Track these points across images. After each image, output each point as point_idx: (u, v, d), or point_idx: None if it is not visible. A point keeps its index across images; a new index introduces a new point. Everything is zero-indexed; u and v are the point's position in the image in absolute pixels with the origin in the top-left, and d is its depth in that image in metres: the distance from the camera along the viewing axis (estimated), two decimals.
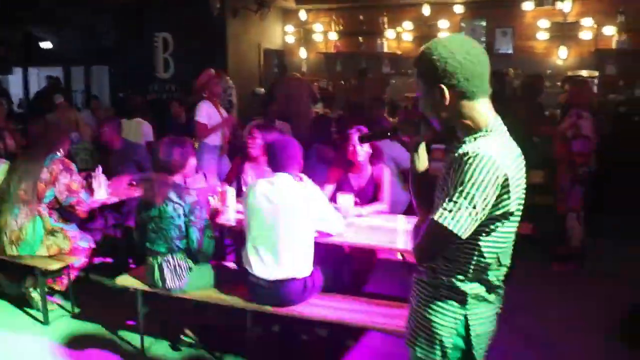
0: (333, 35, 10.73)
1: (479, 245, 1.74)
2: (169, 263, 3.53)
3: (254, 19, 10.04)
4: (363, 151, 4.17)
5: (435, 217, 1.66)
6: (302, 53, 10.98)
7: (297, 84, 8.34)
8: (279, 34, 11.12)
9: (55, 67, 11.85)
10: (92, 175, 4.67)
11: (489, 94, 1.76)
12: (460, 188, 1.62)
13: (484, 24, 9.88)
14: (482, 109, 1.74)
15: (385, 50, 10.28)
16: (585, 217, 5.44)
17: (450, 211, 1.63)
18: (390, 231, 3.76)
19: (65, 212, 4.32)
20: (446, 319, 1.80)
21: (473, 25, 9.95)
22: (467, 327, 1.79)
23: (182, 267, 3.54)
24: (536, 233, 5.21)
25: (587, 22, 9.13)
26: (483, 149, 1.63)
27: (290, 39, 11.15)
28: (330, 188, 4.26)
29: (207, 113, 6.00)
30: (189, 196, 3.50)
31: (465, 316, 1.79)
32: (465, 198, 1.61)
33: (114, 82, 10.43)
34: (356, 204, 4.06)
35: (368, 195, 4.19)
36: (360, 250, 3.97)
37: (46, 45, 11.81)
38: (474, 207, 1.62)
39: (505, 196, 1.67)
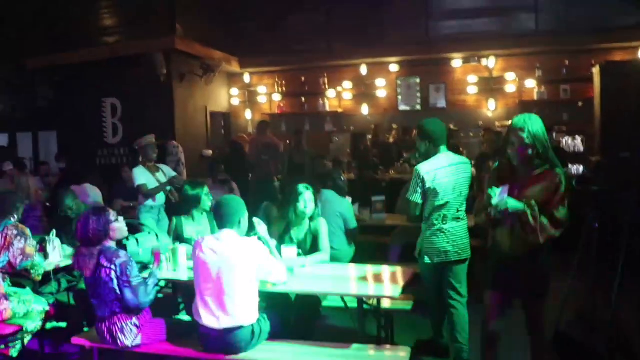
0: (277, 97, 11.17)
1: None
2: (116, 325, 3.67)
3: (200, 83, 10.40)
4: (311, 207, 4.46)
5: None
6: (248, 114, 11.36)
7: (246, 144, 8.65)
8: (225, 96, 11.47)
9: (1, 133, 11.87)
10: (47, 239, 4.80)
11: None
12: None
13: (418, 80, 10.53)
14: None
15: (327, 109, 10.75)
16: None
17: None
18: (333, 278, 4.05)
19: (19, 276, 4.41)
20: None
21: (408, 82, 10.61)
22: None
23: (130, 326, 3.69)
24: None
25: (511, 76, 9.90)
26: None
27: (236, 101, 11.52)
28: (273, 242, 4.52)
29: (143, 177, 6.32)
30: (118, 258, 3.63)
31: None
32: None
33: (62, 148, 10.52)
34: (298, 255, 4.34)
35: (307, 247, 4.48)
36: (306, 298, 4.23)
37: None
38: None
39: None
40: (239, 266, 3.48)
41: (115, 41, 10.21)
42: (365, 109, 10.69)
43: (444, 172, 4.05)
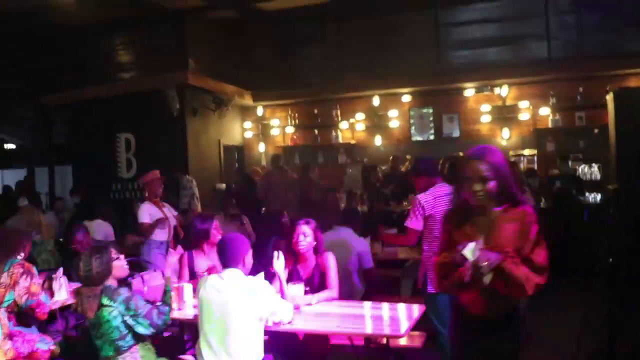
0: (290, 129, 11.18)
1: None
2: None
3: (213, 117, 10.48)
4: (306, 242, 4.39)
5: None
6: (261, 147, 11.39)
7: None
8: (238, 130, 11.52)
9: (19, 169, 12.01)
10: (53, 277, 4.77)
11: None
12: None
13: (431, 111, 10.48)
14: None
15: (340, 140, 10.75)
16: None
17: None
18: (340, 316, 3.96)
19: (24, 315, 4.38)
20: None
21: (421, 112, 10.55)
22: None
23: None
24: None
25: (524, 104, 9.81)
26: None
27: (249, 134, 11.55)
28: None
29: (148, 213, 6.30)
30: (119, 295, 3.57)
31: None
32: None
33: (78, 182, 10.61)
34: (305, 292, 4.26)
35: (315, 284, 4.39)
36: (313, 336, 4.13)
37: (9, 146, 12.00)
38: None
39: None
40: (242, 306, 3.40)
41: (129, 77, 10.40)
42: (378, 140, 10.65)
43: (442, 202, 4.20)
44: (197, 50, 10.09)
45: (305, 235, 4.36)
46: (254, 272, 3.70)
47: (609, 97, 8.01)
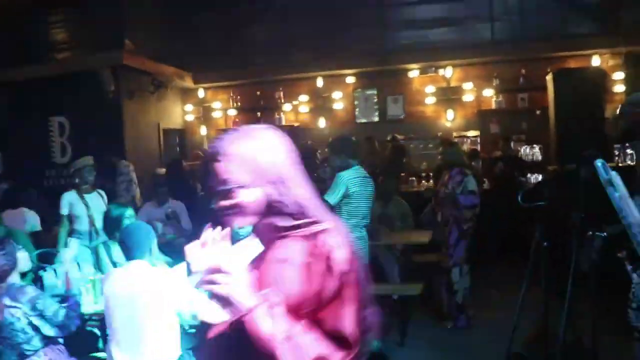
0: (232, 112, 10.89)
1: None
2: None
3: (152, 100, 10.06)
4: None
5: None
6: (203, 130, 11.05)
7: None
8: (179, 113, 11.13)
9: None
10: None
11: None
12: None
13: (375, 92, 10.31)
14: None
15: (284, 123, 10.49)
16: (469, 270, 5.64)
17: None
18: None
19: None
20: None
21: (365, 94, 10.37)
22: None
23: None
24: (425, 292, 5.37)
25: (468, 86, 9.74)
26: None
27: (190, 117, 11.19)
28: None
29: (68, 202, 6.01)
30: (24, 294, 3.28)
31: None
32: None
33: (8, 168, 10.05)
34: None
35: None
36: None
37: None
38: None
39: None
40: (152, 299, 3.14)
41: (63, 58, 9.83)
42: (322, 122, 10.44)
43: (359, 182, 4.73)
44: (135, 31, 9.60)
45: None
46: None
47: (549, 78, 7.98)
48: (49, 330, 3.32)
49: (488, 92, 9.66)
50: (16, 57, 9.60)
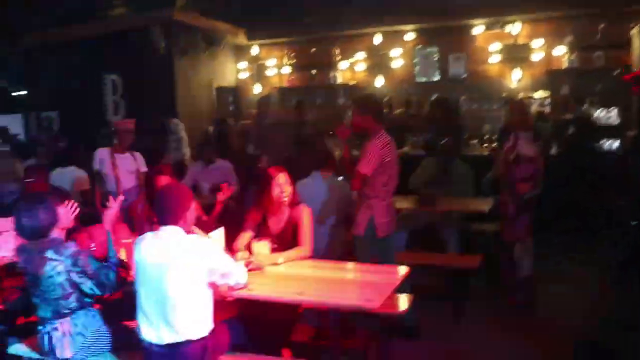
0: (286, 70, 10.59)
1: None
2: (57, 330, 3.15)
3: (204, 57, 9.88)
4: (288, 192, 3.86)
5: None
6: (257, 89, 10.79)
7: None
8: (232, 71, 10.91)
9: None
10: None
11: None
12: None
13: (436, 50, 9.75)
14: None
15: (340, 81, 10.15)
16: (533, 244, 5.17)
17: None
18: (310, 280, 3.43)
19: None
20: None
21: (425, 52, 9.82)
22: None
23: (73, 334, 3.15)
24: (484, 264, 4.98)
25: (538, 43, 9.00)
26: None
27: (244, 75, 10.95)
28: (247, 235, 3.92)
29: (99, 159, 5.98)
30: (66, 249, 3.14)
31: None
32: None
33: (64, 126, 10.12)
34: (274, 250, 3.75)
35: (286, 240, 3.86)
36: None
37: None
38: None
39: None
40: (184, 269, 2.88)
41: (115, 15, 9.70)
42: (380, 81, 9.94)
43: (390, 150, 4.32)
44: None
45: (287, 185, 3.84)
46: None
47: (635, 32, 7.16)
48: (87, 288, 3.15)
49: (560, 50, 8.90)
50: (69, 15, 9.54)
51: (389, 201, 4.37)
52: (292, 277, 3.50)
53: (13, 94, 11.70)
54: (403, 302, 3.78)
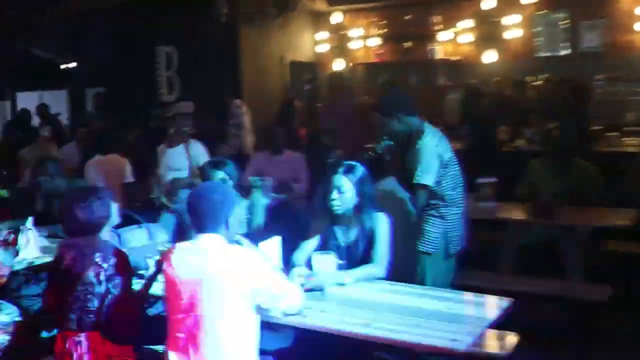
0: (374, 41, 10.73)
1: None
2: (80, 346, 3.20)
3: (275, 26, 10.07)
4: (342, 200, 3.74)
5: None
6: (339, 64, 10.92)
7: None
8: (309, 42, 11.13)
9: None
10: (21, 228, 4.45)
11: None
12: None
13: (564, 16, 9.60)
14: None
15: (440, 56, 10.23)
16: None
17: None
18: (381, 307, 3.29)
19: None
20: None
21: (550, 19, 9.71)
22: None
23: (98, 353, 3.20)
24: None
25: None
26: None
27: (323, 48, 11.16)
28: (310, 246, 3.84)
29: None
30: (112, 257, 3.24)
31: None
32: None
33: (109, 105, 10.52)
34: (341, 267, 3.65)
35: (357, 254, 3.75)
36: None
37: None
38: None
39: None
40: (222, 288, 2.84)
41: None
42: (491, 56, 9.84)
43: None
44: None
45: (342, 190, 3.71)
46: None
47: None
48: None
49: None
50: None
51: (463, 210, 4.35)
52: (359, 302, 3.37)
53: (61, 66, 12.34)
54: (504, 342, 3.56)
